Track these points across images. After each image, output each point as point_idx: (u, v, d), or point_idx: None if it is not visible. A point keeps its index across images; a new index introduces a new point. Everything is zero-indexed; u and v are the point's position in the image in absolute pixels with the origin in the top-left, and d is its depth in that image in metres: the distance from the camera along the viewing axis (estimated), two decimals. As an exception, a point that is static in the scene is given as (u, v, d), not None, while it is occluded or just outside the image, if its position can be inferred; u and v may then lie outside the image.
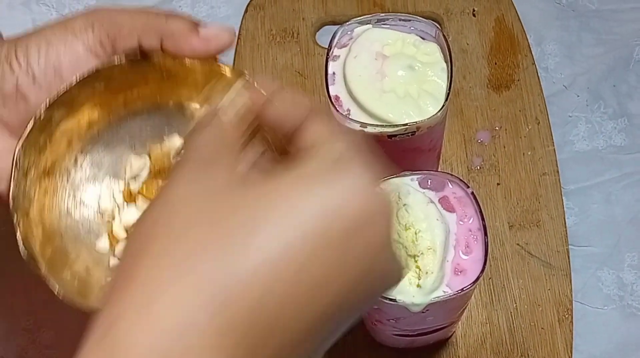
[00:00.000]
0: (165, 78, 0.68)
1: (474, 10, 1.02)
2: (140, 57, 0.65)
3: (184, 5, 1.07)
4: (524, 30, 1.01)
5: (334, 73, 0.75)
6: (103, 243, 0.68)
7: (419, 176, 0.70)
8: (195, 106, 0.70)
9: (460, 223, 0.68)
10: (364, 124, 0.72)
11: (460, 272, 0.66)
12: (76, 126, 0.67)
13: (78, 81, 0.63)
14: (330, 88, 0.74)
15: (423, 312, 0.66)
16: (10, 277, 0.91)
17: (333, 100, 0.74)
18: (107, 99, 0.67)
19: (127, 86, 0.67)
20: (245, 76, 0.67)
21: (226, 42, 0.64)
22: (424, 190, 0.69)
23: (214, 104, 0.68)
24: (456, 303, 0.71)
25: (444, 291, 0.65)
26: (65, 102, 0.64)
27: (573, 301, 0.88)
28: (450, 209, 0.68)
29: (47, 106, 0.62)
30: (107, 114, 0.68)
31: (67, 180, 0.68)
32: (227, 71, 0.68)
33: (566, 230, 0.91)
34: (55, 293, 0.60)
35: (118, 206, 0.71)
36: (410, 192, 0.68)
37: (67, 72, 0.62)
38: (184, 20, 0.64)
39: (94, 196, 0.70)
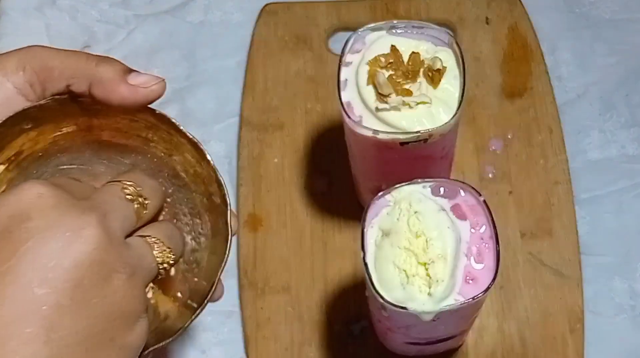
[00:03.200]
0: (93, 118, 0.67)
1: (487, 18, 1.02)
2: (69, 100, 0.65)
3: (197, 11, 1.07)
4: (537, 39, 1.01)
5: (346, 80, 0.75)
6: None
7: (431, 183, 0.69)
8: (124, 141, 0.70)
9: (472, 231, 0.68)
10: (376, 131, 0.72)
11: (472, 280, 0.66)
12: (5, 163, 0.67)
13: (6, 121, 0.63)
14: (343, 94, 0.74)
15: (434, 320, 0.66)
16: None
17: (345, 106, 0.74)
18: (36, 138, 0.67)
19: (55, 125, 0.67)
20: (165, 115, 0.67)
21: (156, 92, 0.64)
22: (436, 198, 0.69)
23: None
24: (467, 312, 0.71)
25: (455, 300, 0.65)
26: None
27: (584, 311, 0.87)
28: (462, 217, 0.68)
29: None
30: (37, 152, 0.68)
31: None
32: (152, 115, 0.67)
33: (578, 239, 0.90)
34: None
35: None
36: (422, 200, 0.68)
37: None
38: (115, 67, 0.63)
39: None
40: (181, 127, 0.66)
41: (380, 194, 0.68)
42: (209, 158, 0.67)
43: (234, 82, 1.01)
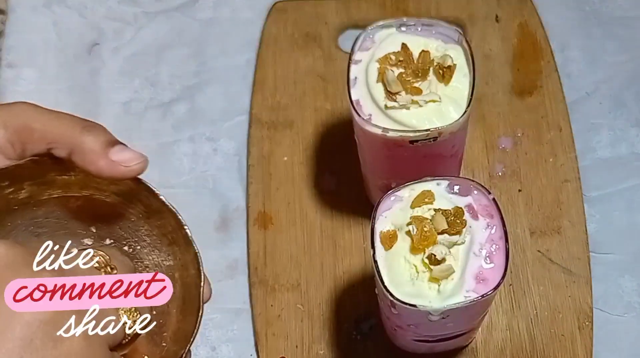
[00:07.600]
0: (72, 178, 0.66)
1: (497, 16, 1.02)
2: (48, 162, 0.63)
3: (206, 8, 1.07)
4: (547, 37, 1.01)
5: (355, 77, 0.75)
6: None
7: (441, 181, 0.69)
8: (102, 201, 0.69)
9: (483, 231, 0.68)
10: (385, 129, 0.72)
11: (481, 279, 0.66)
12: None
13: None
14: (352, 92, 0.74)
15: (443, 318, 0.66)
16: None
17: (354, 104, 0.74)
18: (12, 194, 0.66)
19: (32, 183, 0.66)
20: (144, 183, 0.66)
21: (135, 172, 0.62)
22: (451, 195, 0.69)
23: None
24: (476, 310, 0.71)
25: (464, 297, 0.65)
26: None
27: (594, 309, 0.87)
28: (474, 217, 0.68)
29: None
30: (13, 209, 0.68)
31: None
32: (132, 181, 0.65)
33: (587, 237, 0.90)
34: None
35: None
36: (436, 197, 0.68)
37: None
38: (99, 138, 0.61)
39: None
40: (161, 196, 0.64)
41: (390, 191, 0.68)
42: (186, 228, 0.65)
43: (244, 79, 1.01)
